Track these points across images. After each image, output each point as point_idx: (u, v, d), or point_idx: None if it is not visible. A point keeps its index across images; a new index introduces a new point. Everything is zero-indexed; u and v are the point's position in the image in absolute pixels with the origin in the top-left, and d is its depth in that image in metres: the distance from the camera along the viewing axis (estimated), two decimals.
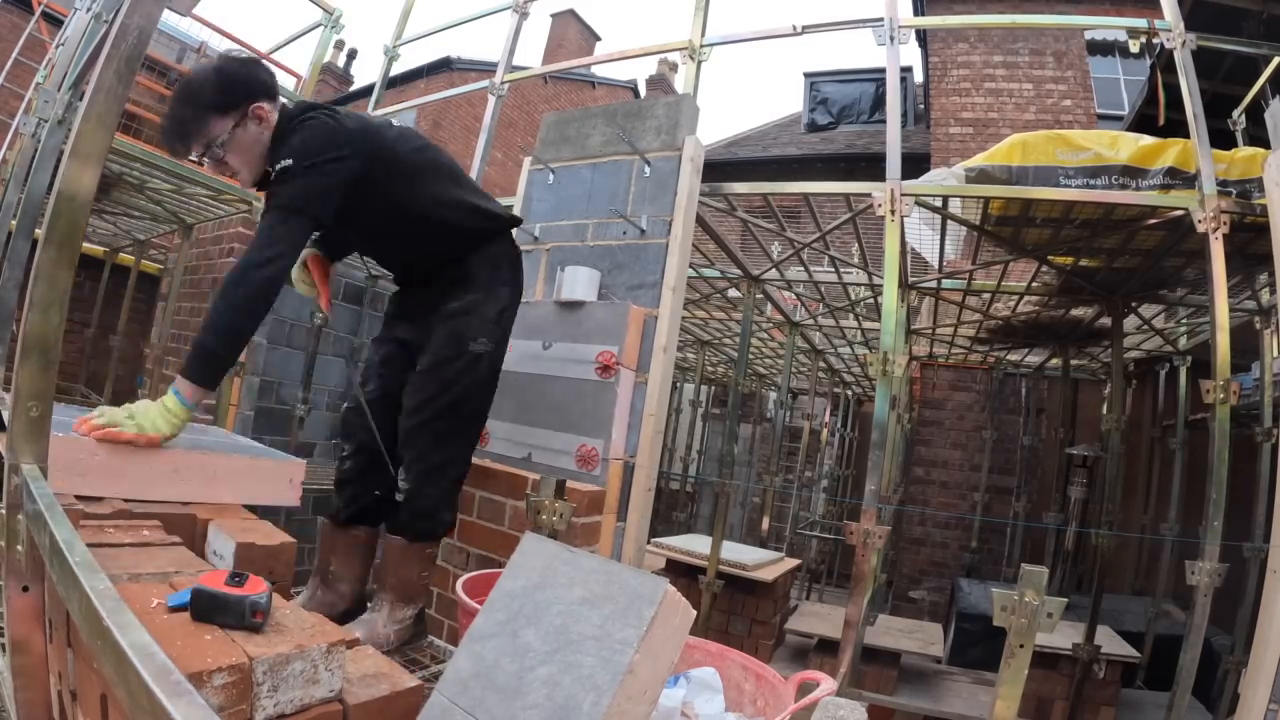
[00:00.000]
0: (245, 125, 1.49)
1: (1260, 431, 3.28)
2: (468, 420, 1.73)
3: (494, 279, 1.76)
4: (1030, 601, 1.33)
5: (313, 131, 1.47)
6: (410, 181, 1.63)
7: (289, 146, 1.45)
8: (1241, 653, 3.26)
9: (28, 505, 0.94)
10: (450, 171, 1.76)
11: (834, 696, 1.17)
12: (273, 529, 1.33)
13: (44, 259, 0.95)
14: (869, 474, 2.43)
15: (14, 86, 4.08)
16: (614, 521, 2.22)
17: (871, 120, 9.86)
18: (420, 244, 1.74)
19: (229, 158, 1.50)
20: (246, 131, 1.49)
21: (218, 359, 1.39)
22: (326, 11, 3.69)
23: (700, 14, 2.80)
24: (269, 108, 1.52)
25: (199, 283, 4.13)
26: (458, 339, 1.67)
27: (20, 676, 1.03)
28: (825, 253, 3.84)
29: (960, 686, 3.80)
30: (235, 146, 1.49)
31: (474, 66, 10.41)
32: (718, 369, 7.98)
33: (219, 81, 1.45)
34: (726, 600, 4.11)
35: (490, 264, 1.76)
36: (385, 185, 1.58)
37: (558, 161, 2.69)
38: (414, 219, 1.66)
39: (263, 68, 1.56)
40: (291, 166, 1.43)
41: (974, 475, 5.95)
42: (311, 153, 1.44)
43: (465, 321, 1.68)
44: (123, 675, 0.61)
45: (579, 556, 1.01)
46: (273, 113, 1.53)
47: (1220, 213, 2.24)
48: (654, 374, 2.27)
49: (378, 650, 1.08)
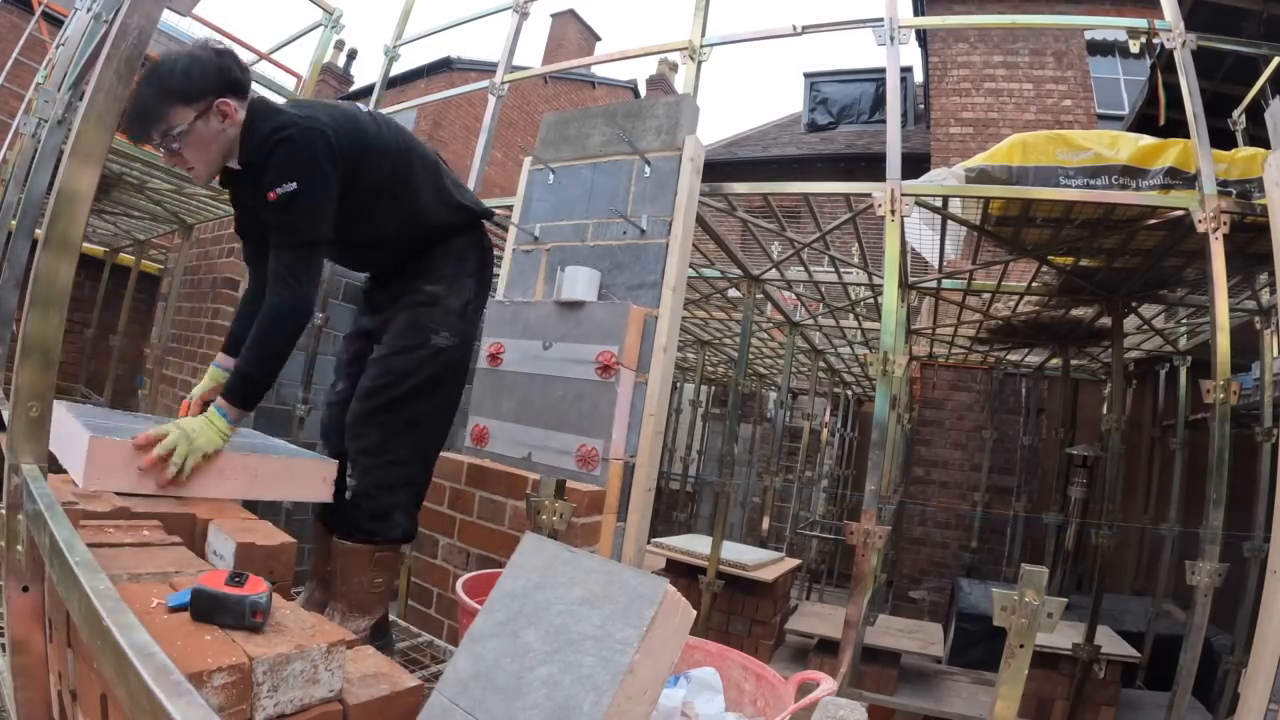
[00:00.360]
0: (207, 119, 1.40)
1: (1260, 431, 3.28)
2: (423, 415, 1.62)
3: (459, 270, 1.70)
4: (1030, 601, 1.33)
5: (299, 145, 1.40)
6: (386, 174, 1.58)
7: (277, 166, 1.38)
8: (1241, 653, 3.26)
9: (28, 505, 0.94)
10: (424, 162, 1.69)
11: (834, 696, 1.17)
12: (273, 529, 1.33)
13: (44, 259, 0.95)
14: (869, 474, 2.43)
15: (14, 86, 4.08)
16: (614, 521, 2.22)
17: (871, 120, 9.86)
18: (396, 240, 1.68)
19: (185, 151, 1.41)
20: (208, 126, 1.40)
21: (262, 385, 1.45)
22: (326, 11, 3.69)
23: (700, 14, 2.80)
24: (235, 104, 1.42)
25: (199, 283, 4.13)
26: (418, 329, 1.61)
27: (20, 676, 1.03)
28: (825, 253, 3.84)
29: (960, 686, 3.80)
30: (193, 140, 1.40)
31: (474, 66, 10.41)
32: (718, 369, 7.98)
33: (187, 68, 1.37)
34: (726, 600, 4.11)
35: (457, 255, 1.70)
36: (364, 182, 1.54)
37: (558, 161, 2.69)
38: (387, 212, 1.60)
39: (236, 61, 1.45)
40: (296, 192, 1.38)
41: (974, 475, 5.95)
42: (309, 169, 1.40)
43: (427, 312, 1.62)
44: (123, 675, 0.61)
45: (579, 556, 1.01)
46: (239, 110, 1.43)
47: (1220, 213, 2.24)
48: (654, 374, 2.27)
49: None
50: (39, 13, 4.50)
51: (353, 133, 1.51)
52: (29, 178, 2.24)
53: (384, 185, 1.58)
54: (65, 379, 5.60)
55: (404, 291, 1.67)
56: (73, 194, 0.96)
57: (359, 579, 1.56)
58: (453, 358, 1.65)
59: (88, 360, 5.94)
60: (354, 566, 1.56)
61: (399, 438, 1.59)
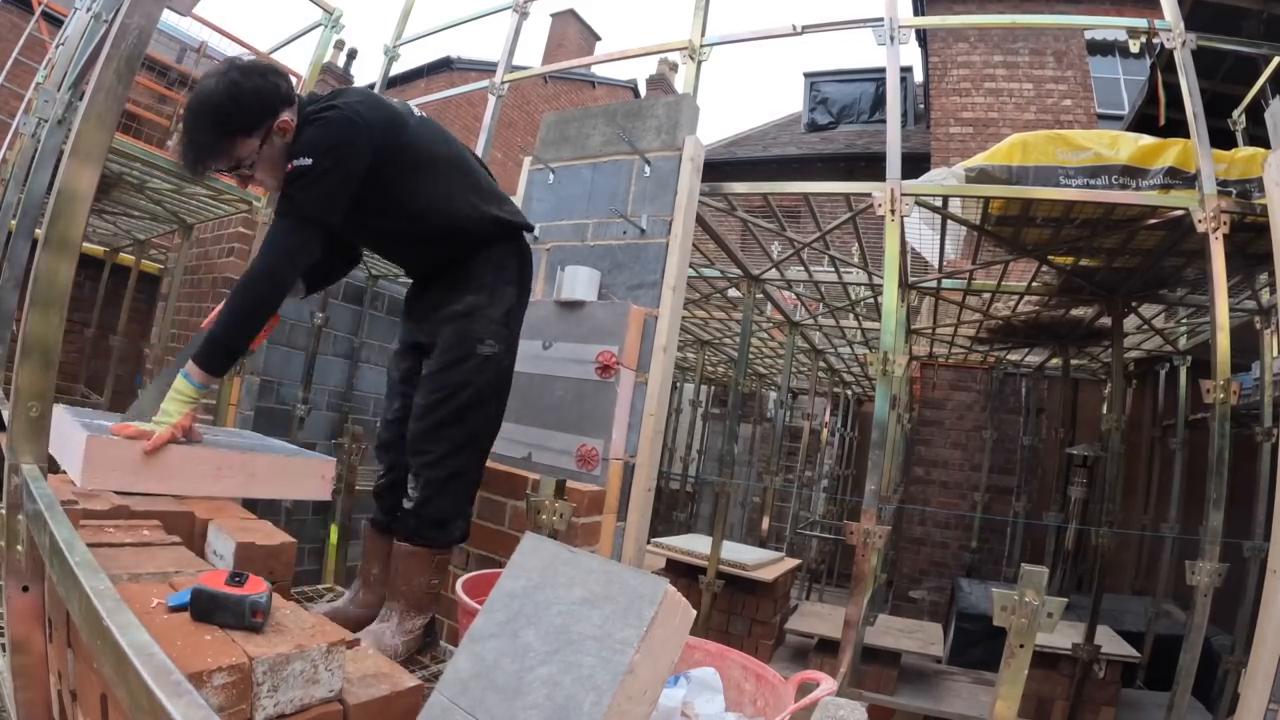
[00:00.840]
0: (271, 141, 1.45)
1: (1260, 431, 3.28)
2: (479, 425, 1.66)
3: (498, 279, 1.69)
4: (1030, 601, 1.33)
5: (331, 129, 1.42)
6: (422, 176, 1.58)
7: (304, 143, 1.41)
8: (1241, 652, 3.26)
9: (28, 505, 0.94)
10: (468, 169, 1.70)
11: (834, 696, 1.17)
12: (273, 529, 1.33)
13: (44, 259, 0.95)
14: (869, 474, 2.43)
15: (14, 86, 4.08)
16: (614, 521, 2.22)
17: (871, 120, 9.86)
18: (426, 241, 1.68)
19: (258, 174, 1.49)
20: (273, 146, 1.46)
21: (228, 350, 1.44)
22: (326, 11, 3.69)
23: (700, 14, 2.80)
24: (290, 116, 1.47)
25: (199, 283, 4.13)
26: (464, 340, 1.62)
27: (20, 676, 1.03)
28: (825, 252, 3.84)
29: (960, 686, 3.80)
30: (263, 163, 1.47)
31: (474, 66, 10.41)
32: (718, 369, 7.98)
33: (241, 102, 1.39)
34: (726, 600, 4.11)
35: (495, 264, 1.69)
36: (397, 178, 1.54)
37: (558, 161, 2.69)
38: (421, 215, 1.61)
39: (281, 76, 1.49)
40: (309, 168, 1.39)
41: (974, 475, 5.95)
42: (331, 153, 1.41)
43: (470, 323, 1.63)
44: (123, 675, 0.61)
45: (579, 556, 1.01)
46: (294, 118, 1.48)
47: (1220, 213, 2.24)
48: (654, 374, 2.27)
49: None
50: (39, 12, 4.50)
51: (388, 126, 1.51)
52: (29, 178, 2.23)
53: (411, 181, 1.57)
54: (65, 379, 5.60)
55: (444, 302, 1.67)
56: (73, 194, 0.96)
57: (419, 580, 1.62)
58: (500, 365, 1.67)
59: (88, 360, 5.94)
60: (416, 569, 1.61)
61: (459, 451, 1.62)
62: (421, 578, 1.62)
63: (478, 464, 1.72)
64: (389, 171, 1.52)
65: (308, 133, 1.43)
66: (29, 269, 1.13)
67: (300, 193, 1.41)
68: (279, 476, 1.56)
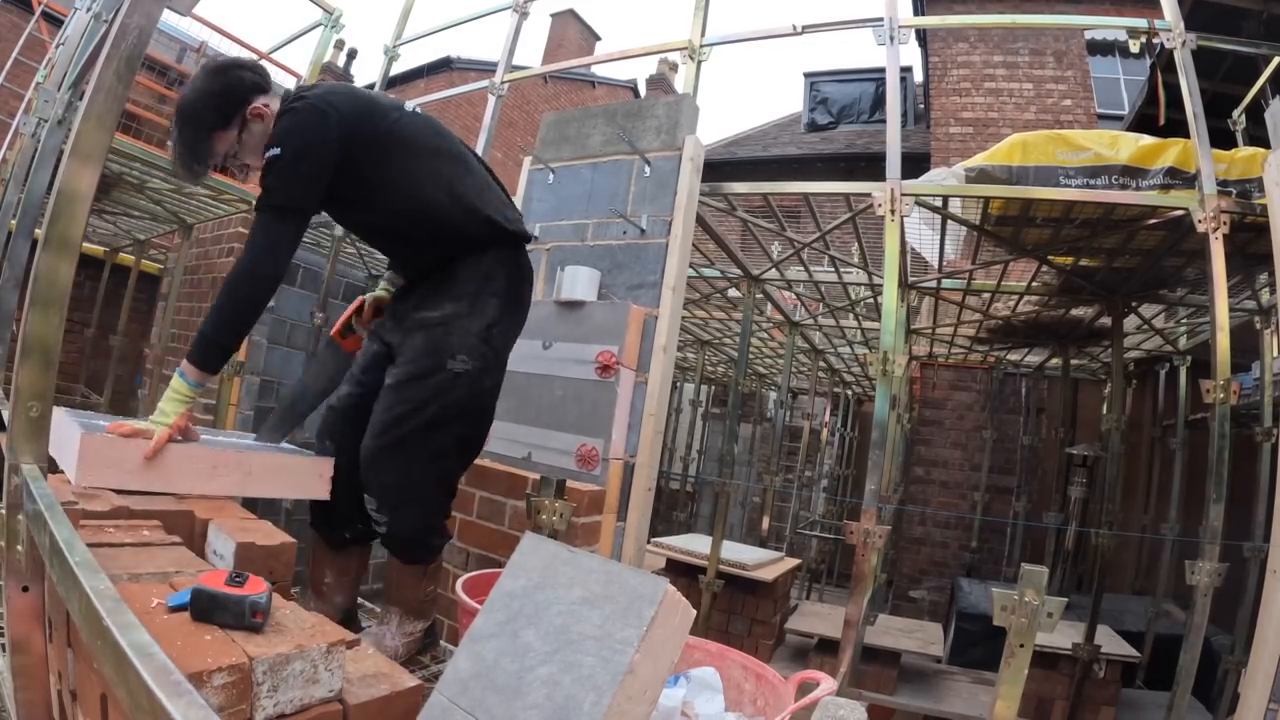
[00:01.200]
0: (249, 128, 1.49)
1: (1260, 431, 3.28)
2: (444, 450, 1.55)
3: (483, 289, 1.56)
4: (1030, 601, 1.33)
5: (300, 118, 1.43)
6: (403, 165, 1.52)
7: (276, 134, 1.44)
8: (1241, 652, 3.26)
9: (28, 505, 0.94)
10: (467, 167, 1.62)
11: (834, 696, 1.17)
12: (273, 529, 1.33)
13: (44, 259, 0.95)
14: (869, 474, 2.43)
15: (14, 86, 4.08)
16: (614, 521, 2.22)
17: (871, 120, 9.86)
18: (409, 237, 1.62)
19: (244, 160, 1.52)
20: (251, 134, 1.49)
21: (220, 348, 1.44)
22: (326, 11, 3.70)
23: (700, 14, 2.80)
24: (264, 101, 1.49)
25: (199, 282, 4.13)
26: (435, 352, 1.51)
27: (20, 676, 1.03)
28: (825, 253, 3.85)
29: (960, 686, 3.80)
30: (245, 150, 1.50)
31: (474, 66, 10.40)
32: (718, 369, 7.98)
33: (209, 99, 1.45)
34: (726, 600, 4.11)
35: (483, 273, 1.58)
36: (371, 168, 1.50)
37: (558, 161, 2.69)
38: (397, 207, 1.55)
39: (245, 67, 1.52)
40: (280, 157, 1.40)
41: (974, 475, 5.95)
42: (299, 141, 1.42)
43: (445, 334, 1.52)
44: (123, 675, 0.61)
45: (579, 556, 1.01)
46: (271, 103, 1.50)
47: (1220, 213, 2.24)
48: (654, 374, 2.27)
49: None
50: (39, 12, 4.49)
51: (361, 114, 1.50)
52: (29, 178, 2.24)
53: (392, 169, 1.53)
54: (65, 379, 5.60)
55: (424, 306, 1.58)
56: (73, 194, 0.96)
57: (411, 591, 1.62)
58: (475, 385, 1.53)
59: (88, 360, 5.94)
60: (409, 582, 1.62)
61: (421, 476, 1.53)
62: (415, 589, 1.62)
63: (445, 489, 1.63)
64: (363, 162, 1.50)
65: (280, 123, 1.45)
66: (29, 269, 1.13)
67: (274, 182, 1.43)
68: (276, 475, 1.55)
